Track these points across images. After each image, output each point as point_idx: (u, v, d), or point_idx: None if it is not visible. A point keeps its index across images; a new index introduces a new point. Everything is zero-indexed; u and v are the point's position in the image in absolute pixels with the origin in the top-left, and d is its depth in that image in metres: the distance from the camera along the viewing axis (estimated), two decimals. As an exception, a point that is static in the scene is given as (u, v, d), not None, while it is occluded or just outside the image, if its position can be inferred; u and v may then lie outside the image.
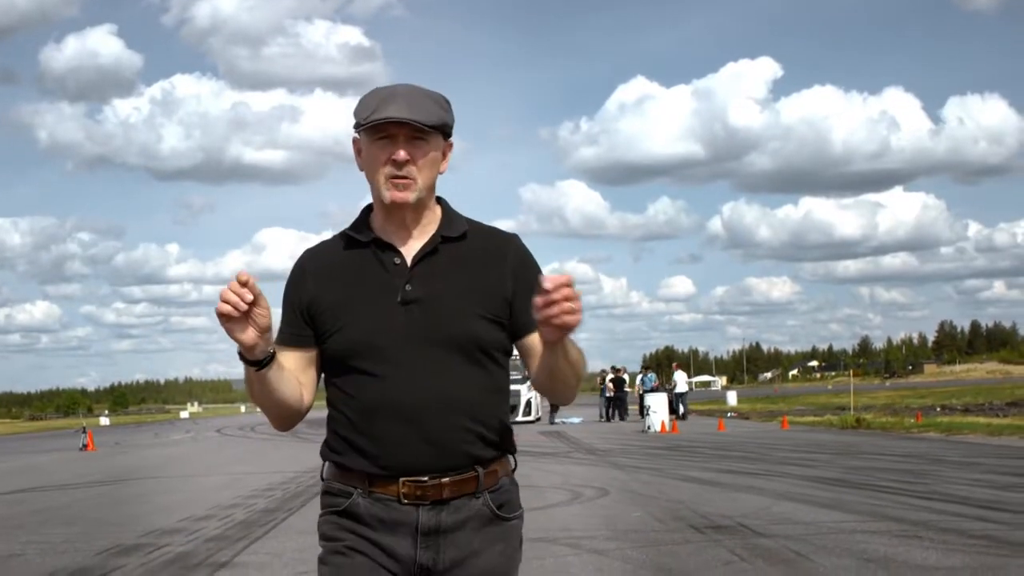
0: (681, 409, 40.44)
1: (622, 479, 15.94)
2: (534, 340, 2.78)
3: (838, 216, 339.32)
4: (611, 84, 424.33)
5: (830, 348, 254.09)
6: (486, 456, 2.78)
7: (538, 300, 2.48)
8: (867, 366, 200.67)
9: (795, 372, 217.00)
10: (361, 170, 2.84)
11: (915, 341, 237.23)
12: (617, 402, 43.23)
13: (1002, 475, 14.82)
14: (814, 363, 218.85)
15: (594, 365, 56.61)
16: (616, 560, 8.60)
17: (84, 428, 40.70)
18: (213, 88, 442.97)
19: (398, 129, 2.71)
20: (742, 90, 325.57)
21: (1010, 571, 7.60)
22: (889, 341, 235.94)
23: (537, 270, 2.88)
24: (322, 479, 2.90)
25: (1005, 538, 9.06)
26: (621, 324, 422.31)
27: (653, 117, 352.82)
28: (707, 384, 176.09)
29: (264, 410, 2.83)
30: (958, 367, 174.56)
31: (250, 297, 2.54)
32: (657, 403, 32.50)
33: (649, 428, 31.60)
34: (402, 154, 2.71)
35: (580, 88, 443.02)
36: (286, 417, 2.85)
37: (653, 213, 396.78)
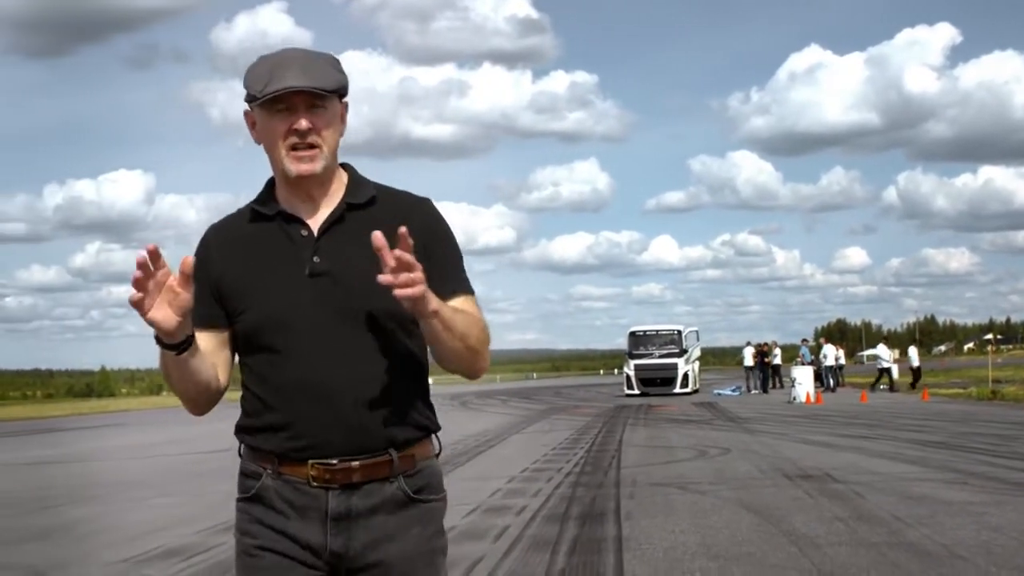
0: (831, 382, 42.02)
1: (747, 441, 18.17)
2: None
3: (1019, 185, 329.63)
4: (783, 53, 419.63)
5: (1008, 320, 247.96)
6: (401, 437, 2.67)
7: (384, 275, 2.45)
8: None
9: (971, 345, 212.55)
10: (258, 143, 2.72)
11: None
12: (761, 375, 45.03)
13: (1084, 439, 16.63)
14: (989, 336, 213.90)
15: (765, 337, 56.18)
16: (710, 497, 10.95)
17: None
18: (381, 64, 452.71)
19: (297, 98, 2.60)
20: (918, 56, 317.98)
21: (1011, 504, 9.70)
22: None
23: (449, 235, 2.80)
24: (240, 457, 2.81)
25: (1035, 484, 11.13)
26: (794, 296, 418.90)
27: (826, 86, 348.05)
28: (876, 358, 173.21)
29: (180, 395, 2.73)
30: None
31: (150, 267, 2.43)
32: (803, 376, 34.38)
33: (795, 399, 33.54)
34: (304, 123, 2.61)
35: (750, 57, 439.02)
36: (204, 402, 2.76)
37: (826, 183, 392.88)
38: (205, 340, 2.67)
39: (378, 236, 2.42)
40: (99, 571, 8.46)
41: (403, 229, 2.41)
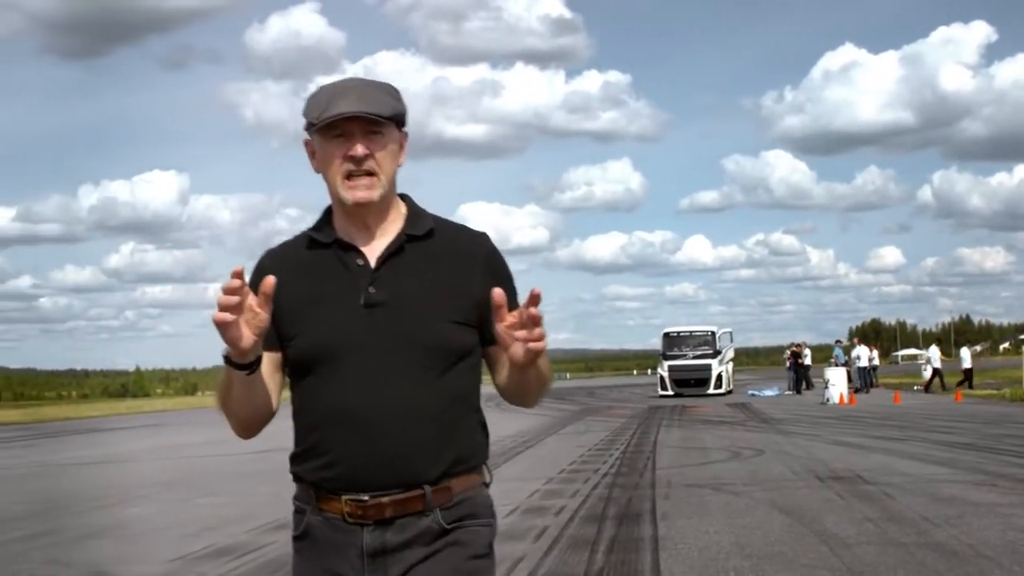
0: (862, 383, 42.07)
1: (780, 442, 18.41)
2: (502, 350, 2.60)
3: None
4: (817, 51, 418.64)
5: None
6: (437, 471, 2.61)
7: (501, 327, 2.49)
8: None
9: (1006, 345, 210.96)
10: (317, 172, 2.72)
11: None
12: (794, 376, 45.07)
13: (1115, 441, 16.79)
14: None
15: (798, 338, 56.75)
16: (743, 498, 11.22)
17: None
18: (414, 64, 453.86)
19: (353, 124, 2.60)
20: (953, 55, 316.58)
21: (1039, 506, 9.97)
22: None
23: (507, 271, 2.79)
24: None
25: (1063, 486, 11.35)
26: (828, 296, 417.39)
27: (860, 84, 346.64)
28: (914, 358, 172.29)
29: (234, 417, 2.71)
30: None
31: (242, 286, 2.42)
32: (836, 377, 34.53)
33: (828, 400, 33.69)
34: (360, 149, 2.60)
35: (783, 56, 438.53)
36: (257, 424, 2.74)
37: (861, 183, 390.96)
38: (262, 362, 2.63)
39: (499, 293, 2.46)
40: (155, 569, 8.81)
41: (536, 289, 2.44)
